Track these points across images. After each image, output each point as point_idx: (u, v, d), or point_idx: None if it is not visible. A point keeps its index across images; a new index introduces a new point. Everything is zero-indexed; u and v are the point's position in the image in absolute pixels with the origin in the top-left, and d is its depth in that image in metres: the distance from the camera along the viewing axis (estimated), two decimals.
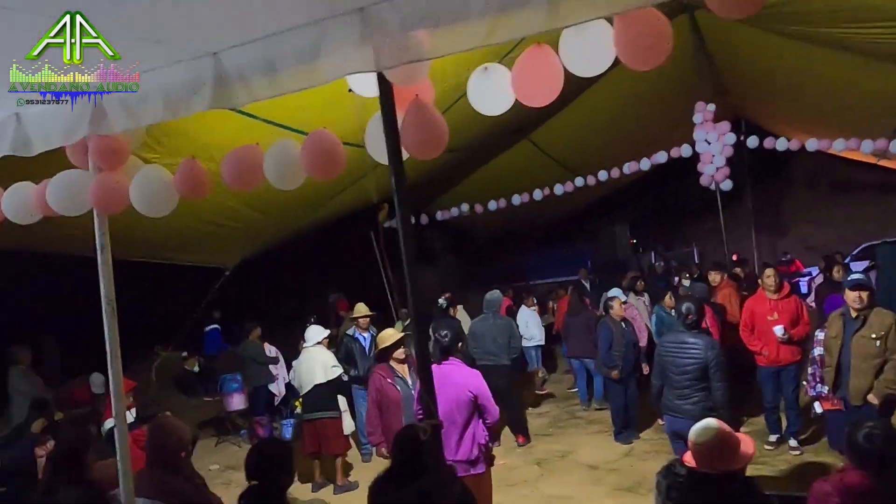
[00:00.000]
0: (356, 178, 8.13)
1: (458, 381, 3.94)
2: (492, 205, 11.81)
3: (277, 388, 8.44)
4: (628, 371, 7.20)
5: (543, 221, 16.46)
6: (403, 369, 4.77)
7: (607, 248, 15.76)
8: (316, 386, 6.20)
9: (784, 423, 6.34)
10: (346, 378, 6.49)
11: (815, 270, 13.38)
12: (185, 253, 8.44)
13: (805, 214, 17.50)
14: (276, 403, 8.57)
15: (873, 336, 4.53)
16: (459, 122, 6.36)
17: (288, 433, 7.37)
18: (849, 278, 5.03)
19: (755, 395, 6.80)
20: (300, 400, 6.83)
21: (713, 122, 9.76)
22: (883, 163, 12.60)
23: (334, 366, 6.25)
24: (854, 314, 4.67)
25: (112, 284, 2.99)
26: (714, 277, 8.19)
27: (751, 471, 3.55)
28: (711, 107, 9.79)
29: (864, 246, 13.50)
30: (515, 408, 7.48)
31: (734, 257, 14.15)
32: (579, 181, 11.27)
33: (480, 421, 4.02)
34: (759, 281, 6.46)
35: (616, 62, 2.22)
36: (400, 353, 4.74)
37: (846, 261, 11.35)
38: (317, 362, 6.33)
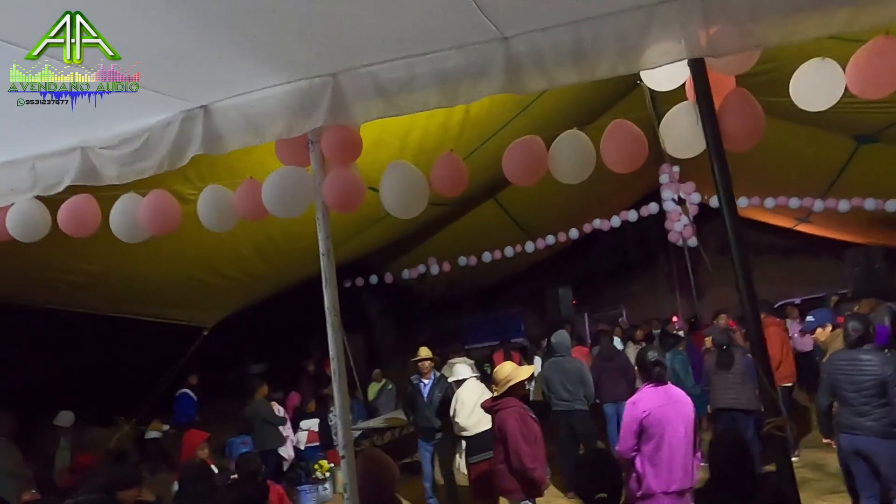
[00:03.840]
0: (365, 226, 7.88)
1: (684, 400, 3.74)
2: (461, 260, 11.75)
3: (287, 452, 7.59)
4: None
5: (485, 283, 16.59)
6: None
7: (552, 310, 16.02)
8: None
9: None
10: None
11: None
12: (173, 308, 7.68)
13: (718, 277, 18.77)
14: (284, 469, 7.68)
15: None
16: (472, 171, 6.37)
17: (308, 501, 6.61)
18: None
19: None
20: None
21: (679, 182, 10.43)
22: (801, 227, 13.92)
23: None
24: None
25: (336, 293, 2.65)
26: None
27: None
28: (676, 168, 10.46)
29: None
30: None
31: (673, 319, 14.92)
32: (550, 239, 11.51)
33: None
34: None
35: None
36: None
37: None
38: (480, 398, 5.61)
